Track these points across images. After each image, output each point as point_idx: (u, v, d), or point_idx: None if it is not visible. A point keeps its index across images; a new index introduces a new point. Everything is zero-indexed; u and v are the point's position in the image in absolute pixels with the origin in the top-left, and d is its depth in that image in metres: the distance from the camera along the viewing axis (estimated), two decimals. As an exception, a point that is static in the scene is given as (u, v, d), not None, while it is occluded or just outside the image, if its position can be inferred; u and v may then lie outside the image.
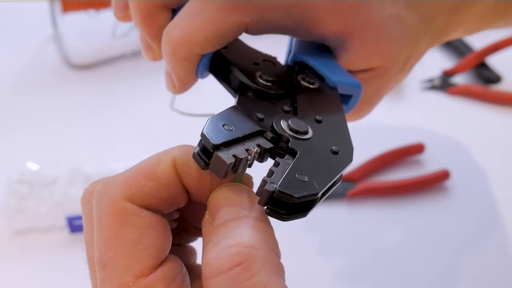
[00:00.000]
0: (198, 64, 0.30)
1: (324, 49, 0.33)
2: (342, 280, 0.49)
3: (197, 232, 0.29)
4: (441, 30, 0.36)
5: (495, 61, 0.72)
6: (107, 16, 0.72)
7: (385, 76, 0.34)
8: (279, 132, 0.25)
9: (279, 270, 0.21)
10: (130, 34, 0.73)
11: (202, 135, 0.23)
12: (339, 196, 0.56)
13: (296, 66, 0.32)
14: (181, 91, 0.33)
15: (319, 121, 0.27)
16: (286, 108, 0.27)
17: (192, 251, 0.30)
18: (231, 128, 0.24)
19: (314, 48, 0.33)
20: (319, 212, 0.55)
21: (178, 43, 0.29)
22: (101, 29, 0.73)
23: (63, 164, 0.56)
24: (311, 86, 0.30)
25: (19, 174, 0.54)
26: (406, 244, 0.53)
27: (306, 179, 0.23)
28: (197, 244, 0.29)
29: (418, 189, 0.57)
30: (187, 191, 0.25)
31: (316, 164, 0.24)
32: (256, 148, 0.23)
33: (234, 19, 0.28)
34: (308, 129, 0.26)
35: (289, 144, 0.24)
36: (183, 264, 0.25)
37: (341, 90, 0.31)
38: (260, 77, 0.28)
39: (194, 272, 0.26)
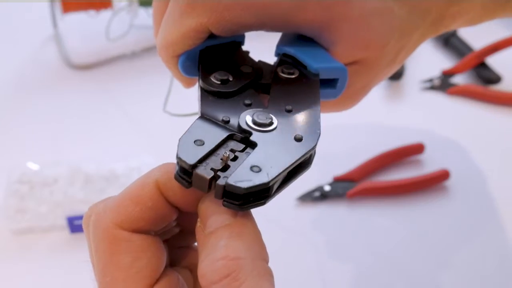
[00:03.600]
0: (178, 64, 0.32)
1: (310, 39, 0.33)
2: (342, 280, 0.49)
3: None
4: (437, 21, 0.35)
5: (495, 61, 0.72)
6: (107, 17, 0.72)
7: (373, 69, 0.34)
8: (244, 128, 0.26)
9: (266, 275, 0.22)
10: (126, 36, 0.73)
11: (178, 158, 0.24)
12: (339, 196, 0.56)
13: (279, 59, 0.31)
14: (188, 86, 0.36)
15: (289, 111, 0.27)
16: (247, 101, 0.28)
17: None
18: (202, 143, 0.25)
19: (299, 39, 0.32)
20: (319, 212, 0.55)
21: (159, 47, 0.32)
22: (101, 30, 0.73)
23: (63, 164, 0.56)
24: (291, 77, 0.30)
25: (20, 174, 0.54)
26: (406, 244, 0.53)
27: (258, 170, 0.23)
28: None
29: (418, 189, 0.57)
30: (175, 206, 0.26)
31: (273, 153, 0.25)
32: (228, 153, 0.24)
33: (192, 21, 0.30)
34: (272, 120, 0.26)
35: (251, 137, 0.25)
36: (179, 277, 0.26)
37: (325, 75, 0.30)
38: (214, 77, 0.29)
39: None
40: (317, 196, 0.56)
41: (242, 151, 0.25)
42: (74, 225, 0.51)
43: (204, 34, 0.30)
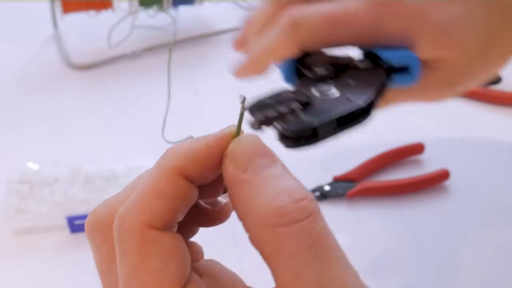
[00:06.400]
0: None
1: None
2: (342, 280, 0.49)
3: (193, 224, 0.29)
4: None
5: (495, 61, 0.72)
6: (107, 17, 0.72)
7: (453, 67, 0.35)
8: (306, 93, 0.29)
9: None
10: (126, 36, 0.73)
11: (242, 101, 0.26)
12: (339, 196, 0.56)
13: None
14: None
15: (350, 84, 0.31)
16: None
17: (199, 248, 0.29)
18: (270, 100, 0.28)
19: None
20: (319, 212, 0.55)
21: (257, 52, 0.38)
22: (101, 30, 0.73)
23: (63, 164, 0.56)
24: (361, 66, 0.33)
25: (20, 174, 0.54)
26: (406, 244, 0.53)
27: (308, 119, 0.27)
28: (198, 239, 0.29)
29: (418, 189, 0.57)
30: (195, 184, 0.25)
31: (325, 108, 0.28)
32: (287, 109, 0.27)
33: (285, 51, 0.35)
34: (331, 87, 0.30)
35: (308, 99, 0.29)
36: (202, 282, 0.25)
37: (396, 61, 0.33)
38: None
39: (200, 271, 0.26)
40: (317, 196, 0.56)
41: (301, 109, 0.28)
42: (74, 225, 0.51)
43: (298, 53, 0.35)
